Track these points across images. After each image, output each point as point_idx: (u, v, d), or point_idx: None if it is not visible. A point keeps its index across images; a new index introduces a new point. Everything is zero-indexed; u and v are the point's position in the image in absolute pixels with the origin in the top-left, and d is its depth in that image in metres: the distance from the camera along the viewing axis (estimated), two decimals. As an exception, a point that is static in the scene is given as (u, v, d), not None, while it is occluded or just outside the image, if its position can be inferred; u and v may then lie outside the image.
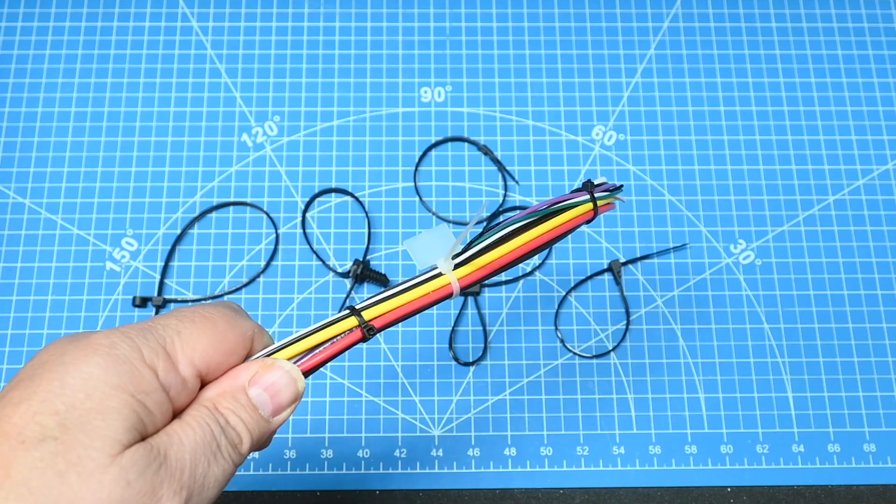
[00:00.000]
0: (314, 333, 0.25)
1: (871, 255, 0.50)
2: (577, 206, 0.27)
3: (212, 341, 0.23)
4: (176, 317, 0.23)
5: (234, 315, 0.24)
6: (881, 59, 0.55)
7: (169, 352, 0.22)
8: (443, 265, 0.25)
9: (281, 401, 0.24)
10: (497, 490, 0.45)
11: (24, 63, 0.53)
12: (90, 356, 0.21)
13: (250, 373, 0.24)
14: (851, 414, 0.47)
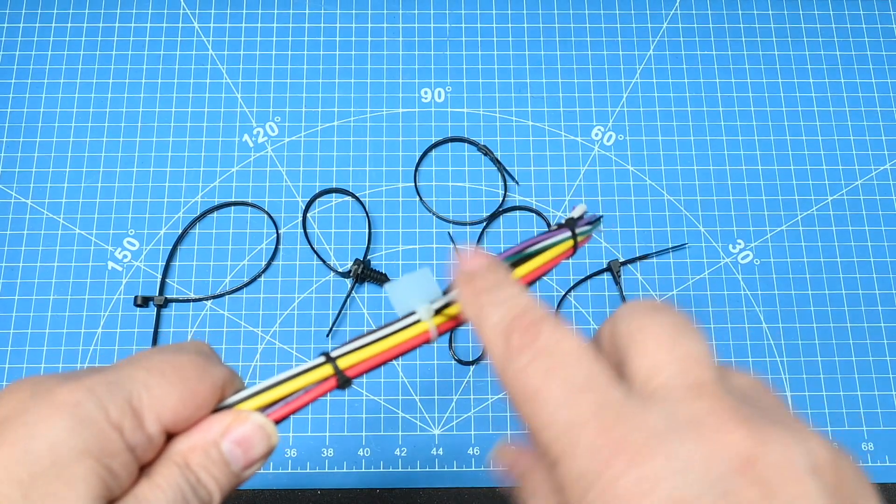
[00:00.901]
0: (287, 381, 0.24)
1: (869, 255, 0.50)
2: (557, 245, 0.26)
3: (181, 396, 0.22)
4: (144, 367, 0.22)
5: (205, 364, 0.23)
6: (880, 60, 0.55)
7: (136, 408, 0.21)
8: (423, 312, 0.25)
9: (253, 455, 0.23)
10: (497, 489, 0.45)
11: (26, 63, 0.54)
12: (55, 417, 0.20)
13: (222, 426, 0.23)
14: (849, 413, 0.47)
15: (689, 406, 0.18)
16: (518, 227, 0.51)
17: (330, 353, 0.24)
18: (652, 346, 0.19)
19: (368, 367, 0.25)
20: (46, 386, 0.21)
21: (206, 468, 0.22)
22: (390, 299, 0.25)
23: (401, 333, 0.25)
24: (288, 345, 0.48)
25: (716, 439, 0.18)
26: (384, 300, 0.49)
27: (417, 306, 0.25)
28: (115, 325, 0.48)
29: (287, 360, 0.48)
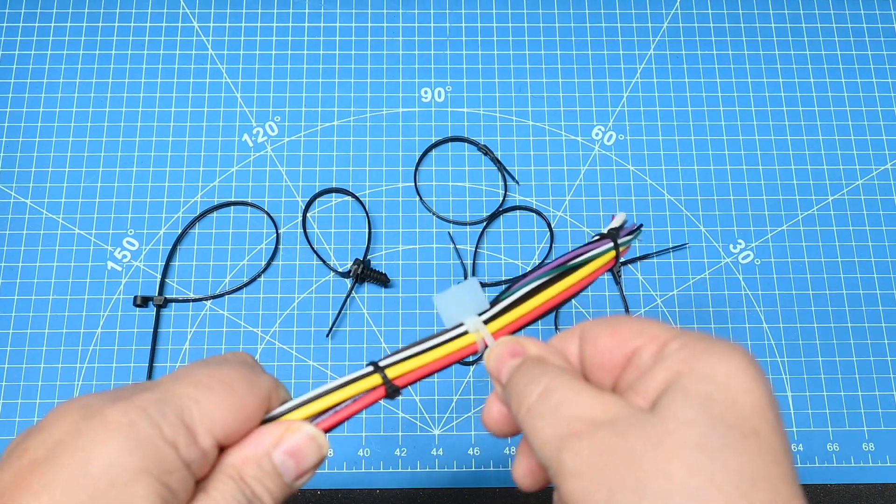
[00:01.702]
0: (336, 391, 0.24)
1: (869, 255, 0.50)
2: (600, 256, 0.26)
3: (231, 409, 0.22)
4: (192, 383, 0.22)
5: (251, 376, 0.23)
6: (880, 60, 0.55)
7: (188, 424, 0.21)
8: (470, 324, 0.25)
9: (305, 466, 0.23)
10: (497, 489, 0.45)
11: (25, 63, 0.54)
12: (110, 438, 0.20)
13: (274, 437, 0.23)
14: (850, 413, 0.47)
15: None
16: (518, 227, 0.51)
17: (378, 363, 0.24)
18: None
19: (416, 378, 0.25)
20: (96, 407, 0.21)
21: (260, 480, 0.22)
22: (438, 311, 0.25)
23: (448, 345, 0.25)
24: (288, 345, 0.48)
25: None
26: (384, 300, 0.49)
27: (465, 318, 0.25)
28: (115, 325, 0.48)
29: (287, 359, 0.48)
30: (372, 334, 0.48)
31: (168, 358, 0.48)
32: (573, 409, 0.21)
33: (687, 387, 0.20)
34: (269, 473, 0.22)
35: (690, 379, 0.20)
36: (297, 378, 0.48)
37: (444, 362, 0.25)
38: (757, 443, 0.19)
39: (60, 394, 0.47)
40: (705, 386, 0.20)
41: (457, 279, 0.49)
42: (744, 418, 0.19)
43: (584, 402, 0.21)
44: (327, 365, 0.48)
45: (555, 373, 0.22)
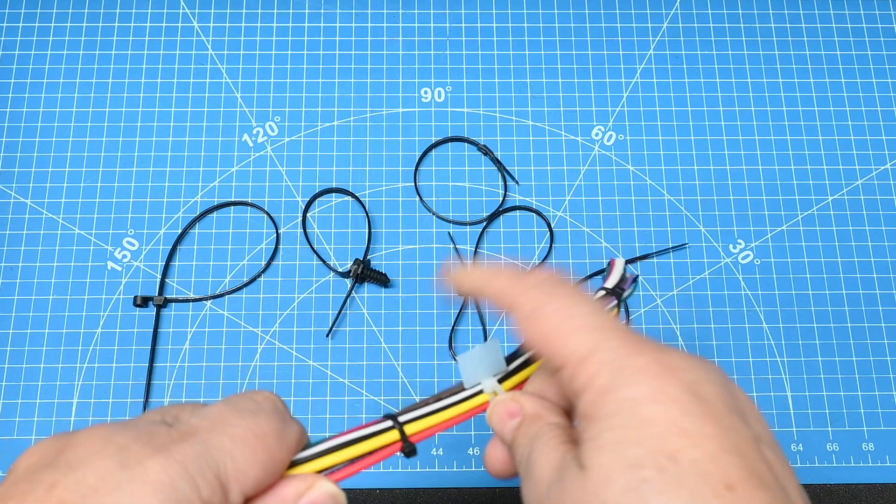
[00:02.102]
0: (355, 443, 0.24)
1: (869, 255, 0.50)
2: None
3: (263, 464, 0.22)
4: (230, 436, 0.22)
5: (282, 427, 0.23)
6: (880, 60, 0.55)
7: (223, 481, 0.21)
8: (486, 384, 0.26)
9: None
10: (497, 489, 0.45)
11: (25, 63, 0.54)
12: (149, 498, 0.19)
13: (296, 492, 0.23)
14: (850, 413, 0.47)
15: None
16: (518, 227, 0.51)
17: (398, 418, 0.25)
18: None
19: (431, 434, 0.25)
20: (134, 456, 0.20)
21: None
22: (461, 370, 0.25)
23: (465, 403, 0.26)
24: (288, 345, 0.48)
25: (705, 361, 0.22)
26: (384, 300, 0.49)
27: (484, 379, 0.26)
28: (115, 325, 0.48)
29: (287, 359, 0.48)
30: (372, 334, 0.48)
31: (168, 358, 0.48)
32: (542, 471, 0.22)
33: (599, 435, 0.20)
34: None
35: (600, 423, 0.20)
36: (297, 378, 0.48)
37: (458, 420, 0.26)
38: (675, 469, 0.18)
39: (60, 394, 0.47)
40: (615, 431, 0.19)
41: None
42: (655, 451, 0.18)
43: (548, 465, 0.21)
44: (327, 365, 0.48)
45: (543, 439, 0.23)
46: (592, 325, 0.22)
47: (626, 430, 0.19)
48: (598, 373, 0.20)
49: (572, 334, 0.22)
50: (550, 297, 0.23)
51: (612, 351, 0.21)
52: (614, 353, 0.21)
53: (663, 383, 0.20)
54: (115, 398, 0.47)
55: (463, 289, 0.27)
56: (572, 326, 0.22)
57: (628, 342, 0.21)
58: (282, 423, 0.23)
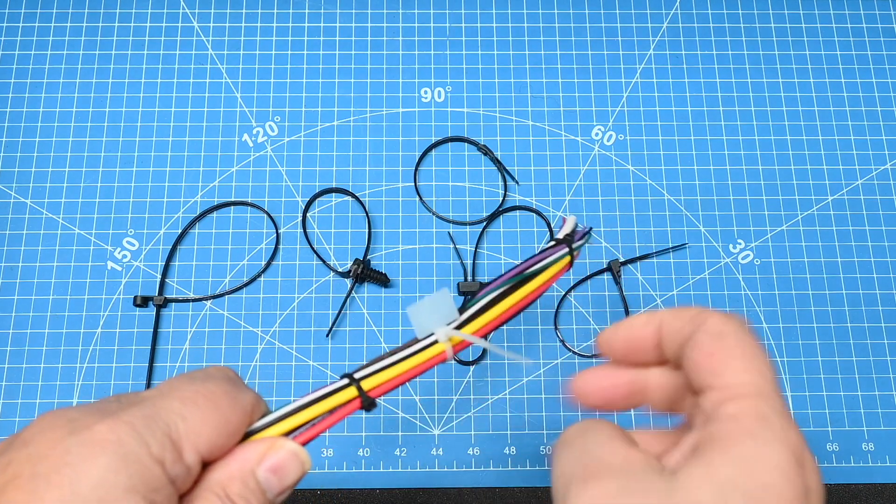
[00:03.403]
0: (314, 404, 0.24)
1: (869, 255, 0.50)
2: (556, 262, 0.27)
3: (216, 424, 0.22)
4: (178, 398, 0.22)
5: (234, 391, 0.23)
6: (880, 60, 0.55)
7: (174, 440, 0.21)
8: (440, 333, 0.26)
9: (287, 482, 0.24)
10: (497, 489, 0.45)
11: (25, 63, 0.54)
12: (98, 456, 0.20)
13: (257, 454, 0.23)
14: (850, 413, 0.47)
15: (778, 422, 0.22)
16: (518, 227, 0.51)
17: (353, 375, 0.25)
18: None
19: (390, 388, 0.25)
20: (83, 422, 0.20)
21: (244, 497, 0.22)
22: (411, 321, 0.26)
23: (420, 354, 0.25)
24: (288, 345, 0.48)
25: None
26: (384, 300, 0.49)
27: (436, 328, 0.26)
28: (115, 325, 0.48)
29: (287, 359, 0.48)
30: (372, 334, 0.48)
31: (168, 358, 0.48)
32: (599, 450, 0.22)
33: (715, 463, 0.20)
34: (254, 490, 0.23)
35: (724, 456, 0.20)
36: (297, 378, 0.48)
37: (416, 371, 0.25)
38: None
39: (60, 394, 0.47)
40: (733, 470, 0.19)
41: (457, 278, 0.49)
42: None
43: (611, 448, 0.22)
44: (327, 365, 0.48)
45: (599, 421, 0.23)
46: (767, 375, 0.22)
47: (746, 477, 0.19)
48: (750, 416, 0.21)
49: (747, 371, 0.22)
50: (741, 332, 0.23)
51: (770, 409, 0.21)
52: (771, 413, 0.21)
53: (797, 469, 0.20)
54: (115, 398, 0.47)
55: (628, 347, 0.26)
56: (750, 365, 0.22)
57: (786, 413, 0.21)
58: (233, 387, 0.24)
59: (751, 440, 0.20)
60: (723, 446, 0.20)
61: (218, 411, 0.22)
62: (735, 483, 0.19)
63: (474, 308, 0.26)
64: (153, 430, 0.21)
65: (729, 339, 0.23)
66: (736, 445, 0.20)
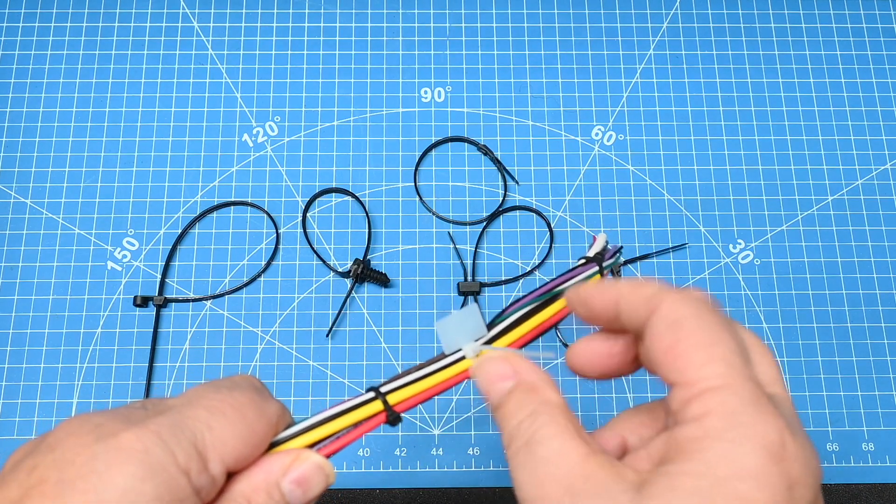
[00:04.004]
0: (339, 417, 0.24)
1: (869, 255, 0.50)
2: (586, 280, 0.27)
3: (242, 436, 0.22)
4: (205, 407, 0.22)
5: (260, 401, 0.23)
6: (880, 60, 0.55)
7: (200, 451, 0.21)
8: (468, 349, 0.26)
9: (311, 495, 0.23)
10: (497, 489, 0.45)
11: (25, 63, 0.54)
12: (125, 465, 0.19)
13: (282, 465, 0.23)
14: (850, 413, 0.47)
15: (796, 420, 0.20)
16: (518, 227, 0.51)
17: (379, 389, 0.25)
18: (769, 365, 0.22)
19: (415, 403, 0.25)
20: (110, 429, 0.20)
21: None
22: (440, 336, 0.26)
23: (447, 370, 0.25)
24: (288, 345, 0.48)
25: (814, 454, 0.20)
26: (384, 300, 0.49)
27: (464, 344, 0.26)
28: (115, 325, 0.48)
29: (287, 359, 0.48)
30: (372, 334, 0.48)
31: (168, 358, 0.48)
32: (556, 469, 0.20)
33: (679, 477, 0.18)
34: (278, 502, 0.23)
35: (689, 466, 0.18)
36: (297, 378, 0.48)
37: (443, 387, 0.25)
38: None
39: (60, 394, 0.47)
40: (699, 484, 0.18)
41: (457, 278, 0.49)
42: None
43: (569, 464, 0.20)
44: (327, 365, 0.48)
45: (545, 418, 0.21)
46: (733, 362, 0.20)
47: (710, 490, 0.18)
48: (715, 415, 0.19)
49: (710, 362, 0.20)
50: (700, 314, 0.21)
51: (738, 401, 0.19)
52: (739, 406, 0.19)
53: (770, 469, 0.18)
54: (115, 398, 0.47)
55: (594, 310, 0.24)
56: (713, 354, 0.20)
57: (759, 401, 0.19)
58: (259, 397, 0.23)
59: (717, 445, 0.18)
60: (688, 456, 0.19)
61: (244, 422, 0.22)
62: (702, 500, 0.18)
63: (504, 324, 0.26)
64: (179, 440, 0.21)
65: (686, 327, 0.20)
66: (701, 453, 0.18)
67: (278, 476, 0.23)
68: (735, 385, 0.19)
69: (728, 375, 0.19)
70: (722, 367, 0.19)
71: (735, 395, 0.19)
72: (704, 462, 0.18)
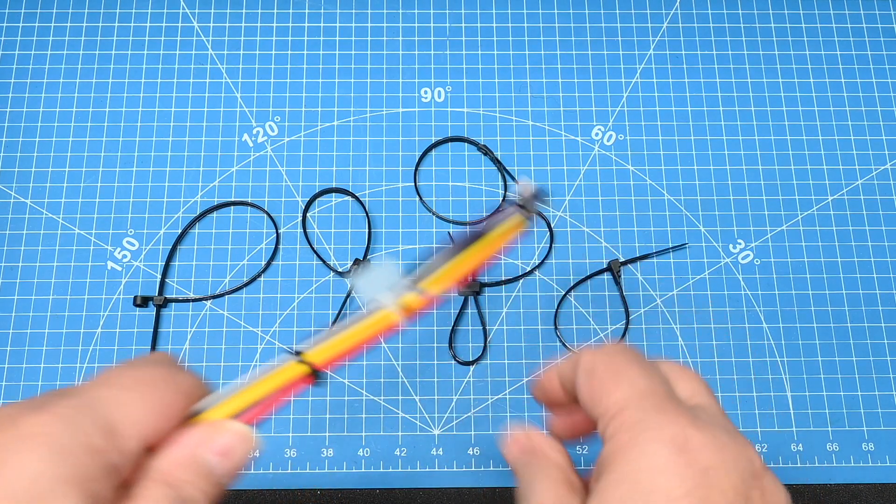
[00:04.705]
0: (259, 383, 0.24)
1: (869, 255, 0.50)
2: (511, 223, 0.27)
3: (154, 408, 0.22)
4: (112, 385, 0.21)
5: (171, 373, 0.23)
6: (880, 60, 0.55)
7: (111, 428, 0.20)
8: (388, 300, 0.25)
9: (235, 463, 0.23)
10: (497, 489, 0.45)
11: (25, 63, 0.54)
12: (30, 451, 0.19)
13: (202, 437, 0.23)
14: (850, 413, 0.47)
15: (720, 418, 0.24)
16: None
17: (300, 350, 0.25)
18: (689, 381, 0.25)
19: (339, 359, 0.25)
20: (9, 418, 0.20)
21: (191, 483, 0.22)
22: (356, 290, 0.26)
23: (370, 324, 0.25)
24: (288, 345, 0.48)
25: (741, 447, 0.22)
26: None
27: (383, 295, 0.25)
28: (115, 325, 0.48)
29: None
30: (372, 334, 0.48)
31: (168, 358, 0.48)
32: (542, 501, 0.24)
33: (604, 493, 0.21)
34: (201, 474, 0.22)
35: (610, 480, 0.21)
36: (297, 378, 0.48)
37: (366, 340, 0.25)
38: None
39: (60, 394, 0.47)
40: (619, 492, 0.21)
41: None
42: None
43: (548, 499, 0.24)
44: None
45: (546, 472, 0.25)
46: (637, 385, 0.23)
47: (632, 494, 0.21)
48: (623, 430, 0.22)
49: (616, 390, 0.23)
50: (609, 359, 0.25)
51: (642, 412, 0.22)
52: (643, 415, 0.22)
53: (677, 460, 0.21)
54: (115, 398, 0.47)
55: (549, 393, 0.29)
56: (619, 384, 0.24)
57: (661, 408, 0.22)
58: (169, 370, 0.23)
59: (628, 453, 0.21)
60: (609, 469, 0.21)
61: (154, 394, 0.22)
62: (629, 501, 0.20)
63: (424, 272, 0.26)
64: (85, 419, 0.20)
65: (598, 370, 0.24)
66: (618, 464, 0.21)
67: (199, 448, 0.22)
68: (638, 401, 0.23)
69: (631, 396, 0.23)
70: (628, 389, 0.23)
71: (638, 408, 0.22)
72: (622, 471, 0.21)
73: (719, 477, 0.21)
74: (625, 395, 0.23)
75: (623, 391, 0.23)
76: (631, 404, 0.23)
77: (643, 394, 0.23)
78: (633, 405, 0.22)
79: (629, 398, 0.23)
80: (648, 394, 0.23)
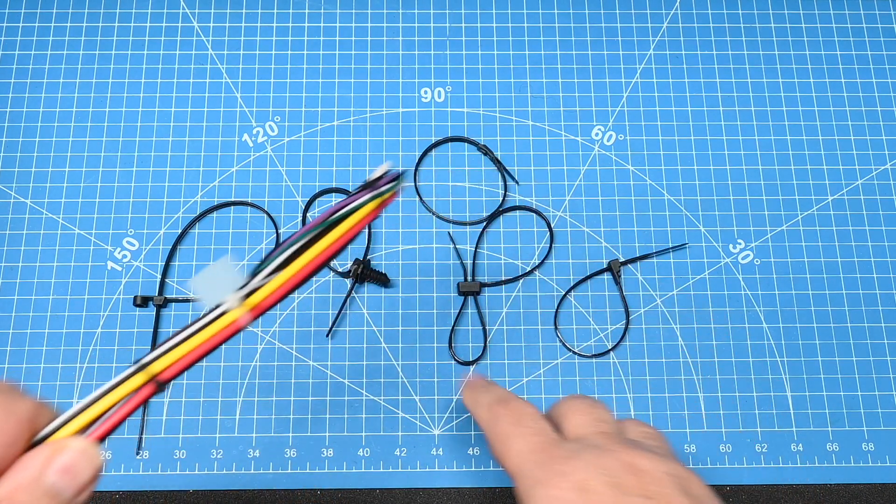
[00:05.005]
0: (101, 398, 0.24)
1: (869, 255, 0.50)
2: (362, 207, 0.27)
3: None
4: None
5: (6, 400, 0.22)
6: (880, 60, 0.55)
7: None
8: (229, 300, 0.25)
9: (81, 480, 0.23)
10: (497, 489, 0.45)
11: (25, 63, 0.54)
12: None
13: (43, 459, 0.22)
14: (850, 413, 0.47)
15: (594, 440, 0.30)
16: (518, 227, 0.51)
17: (141, 360, 0.24)
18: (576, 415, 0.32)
19: (184, 367, 0.25)
20: None
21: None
22: (196, 294, 0.25)
23: (211, 327, 0.25)
24: (288, 345, 0.48)
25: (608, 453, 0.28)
26: (384, 300, 0.49)
27: (224, 296, 0.25)
28: (115, 325, 0.48)
29: (287, 359, 0.48)
30: (372, 334, 0.48)
31: (168, 358, 0.48)
32: None
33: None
34: (46, 495, 0.22)
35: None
36: (297, 378, 0.48)
37: (210, 345, 0.25)
38: None
39: (60, 394, 0.47)
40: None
41: (457, 278, 0.49)
42: None
43: None
44: (327, 365, 0.48)
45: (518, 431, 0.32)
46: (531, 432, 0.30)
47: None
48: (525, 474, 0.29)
49: (517, 439, 0.30)
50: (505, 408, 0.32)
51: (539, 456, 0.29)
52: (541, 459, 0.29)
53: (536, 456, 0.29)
54: (115, 398, 0.47)
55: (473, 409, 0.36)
56: (517, 432, 0.31)
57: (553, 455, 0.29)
58: (4, 398, 0.23)
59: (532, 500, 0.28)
60: None
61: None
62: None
63: (267, 269, 0.25)
64: None
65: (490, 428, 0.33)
66: None
67: (40, 470, 0.22)
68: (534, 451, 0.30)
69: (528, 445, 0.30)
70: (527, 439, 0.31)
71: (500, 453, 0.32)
72: None
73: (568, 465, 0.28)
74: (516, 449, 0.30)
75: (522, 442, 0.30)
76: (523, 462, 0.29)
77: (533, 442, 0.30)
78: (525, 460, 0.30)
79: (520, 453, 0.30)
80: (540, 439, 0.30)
